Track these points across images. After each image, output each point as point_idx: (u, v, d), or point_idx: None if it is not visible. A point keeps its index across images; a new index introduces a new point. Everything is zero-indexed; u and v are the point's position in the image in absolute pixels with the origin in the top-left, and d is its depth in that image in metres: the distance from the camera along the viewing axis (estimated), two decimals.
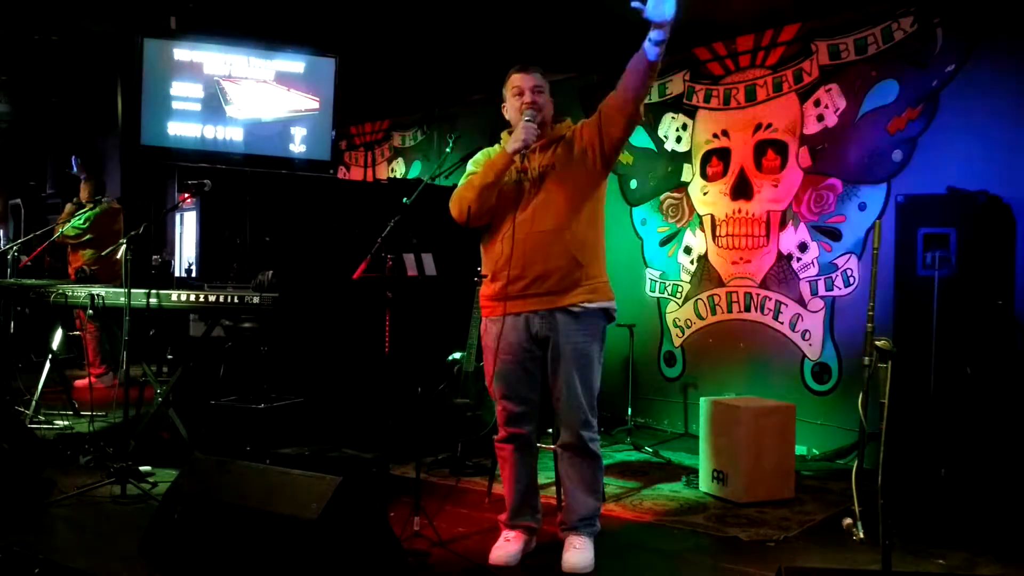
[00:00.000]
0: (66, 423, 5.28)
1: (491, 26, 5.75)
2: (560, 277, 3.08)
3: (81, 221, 6.63)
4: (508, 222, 3.10)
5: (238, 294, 4.30)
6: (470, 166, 3.24)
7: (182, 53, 5.26)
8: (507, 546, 3.23)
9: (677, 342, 5.85)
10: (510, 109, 3.22)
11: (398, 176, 7.85)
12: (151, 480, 4.05)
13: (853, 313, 4.94)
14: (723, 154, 5.61)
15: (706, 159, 5.70)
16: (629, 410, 5.43)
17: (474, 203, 3.09)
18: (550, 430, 4.05)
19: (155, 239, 9.23)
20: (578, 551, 3.16)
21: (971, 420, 3.84)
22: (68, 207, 6.96)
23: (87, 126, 9.86)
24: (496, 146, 3.25)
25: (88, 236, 6.67)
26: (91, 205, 6.77)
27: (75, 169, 6.96)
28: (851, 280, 4.99)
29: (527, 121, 3.06)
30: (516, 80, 3.19)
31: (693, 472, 4.44)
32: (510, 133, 3.20)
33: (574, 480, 3.22)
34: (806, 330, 5.18)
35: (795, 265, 5.24)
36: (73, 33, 6.57)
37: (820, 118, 5.13)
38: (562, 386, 3.13)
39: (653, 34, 2.79)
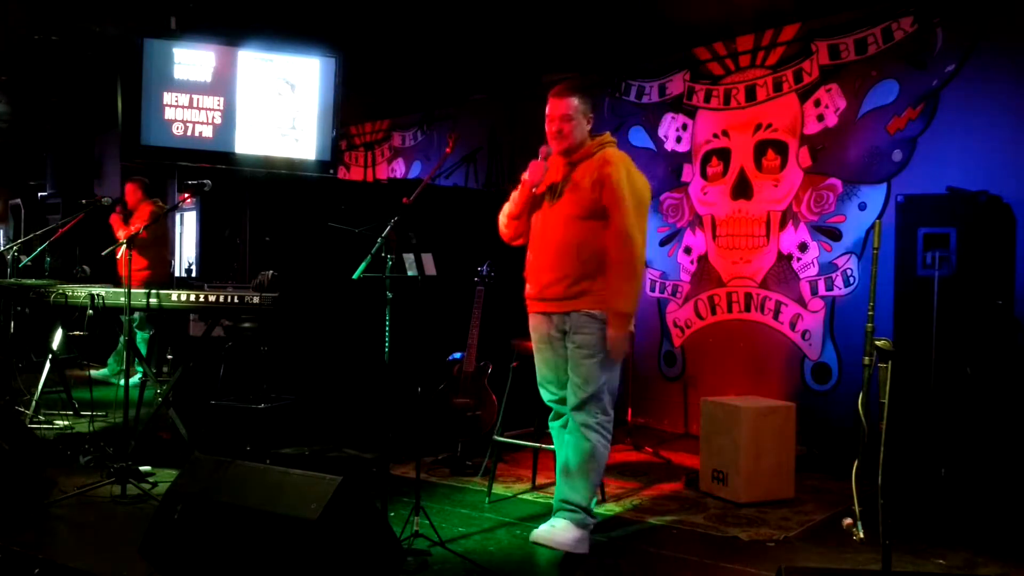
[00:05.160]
0: (66, 423, 5.28)
1: (491, 26, 5.75)
2: (568, 285, 3.28)
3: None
4: (531, 230, 3.43)
5: (238, 294, 4.31)
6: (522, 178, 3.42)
7: (182, 53, 5.25)
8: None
9: (677, 342, 5.85)
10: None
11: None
12: (151, 480, 4.04)
13: (853, 313, 4.93)
14: (723, 154, 5.61)
15: (706, 159, 5.69)
16: (629, 410, 5.42)
17: (508, 228, 3.49)
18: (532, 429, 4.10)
19: None
20: (553, 529, 3.25)
21: (971, 420, 3.84)
22: (119, 211, 6.71)
23: (87, 126, 9.86)
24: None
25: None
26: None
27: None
28: (851, 280, 4.99)
29: (537, 160, 3.28)
30: (549, 105, 3.34)
31: (693, 472, 4.43)
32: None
33: (563, 459, 3.35)
34: (806, 330, 5.18)
35: (795, 265, 5.24)
36: (73, 33, 6.56)
37: (820, 118, 5.13)
38: (569, 373, 3.36)
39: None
